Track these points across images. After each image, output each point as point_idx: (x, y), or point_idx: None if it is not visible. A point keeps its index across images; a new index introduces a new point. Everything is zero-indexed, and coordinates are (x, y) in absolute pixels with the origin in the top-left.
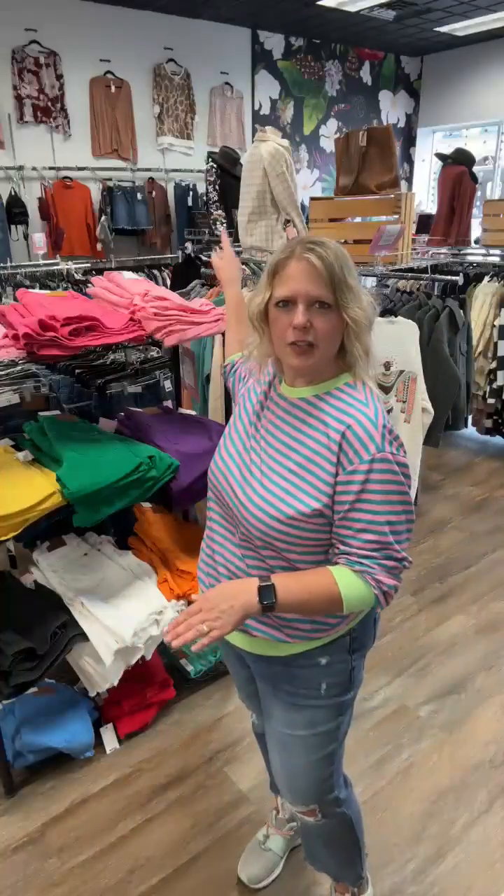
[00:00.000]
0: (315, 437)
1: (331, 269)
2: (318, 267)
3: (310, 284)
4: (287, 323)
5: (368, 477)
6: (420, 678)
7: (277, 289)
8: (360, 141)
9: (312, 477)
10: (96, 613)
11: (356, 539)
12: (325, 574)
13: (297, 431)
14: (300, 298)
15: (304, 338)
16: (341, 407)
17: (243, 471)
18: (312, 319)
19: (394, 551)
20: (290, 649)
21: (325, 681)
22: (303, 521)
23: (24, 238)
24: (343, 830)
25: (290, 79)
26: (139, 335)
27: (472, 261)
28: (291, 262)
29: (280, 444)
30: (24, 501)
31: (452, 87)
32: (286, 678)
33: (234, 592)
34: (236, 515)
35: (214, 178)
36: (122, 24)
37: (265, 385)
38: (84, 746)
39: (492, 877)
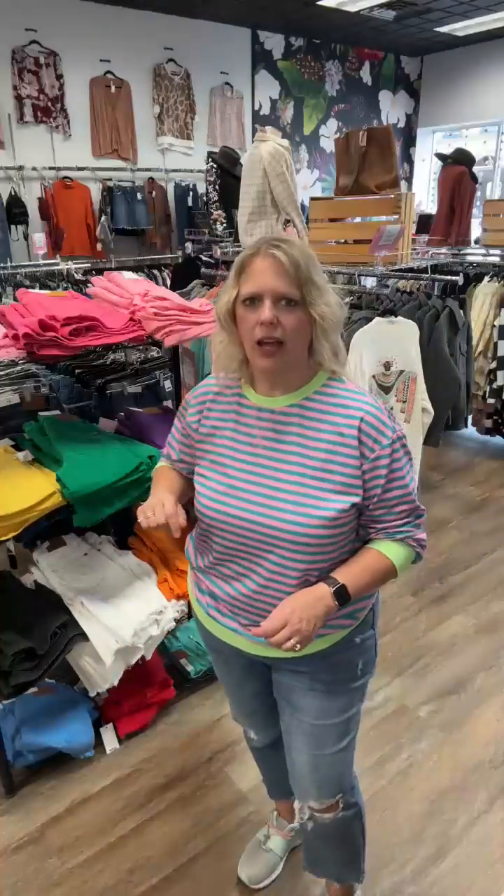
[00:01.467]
0: (327, 438)
1: (296, 266)
2: (284, 263)
3: (276, 280)
4: (254, 321)
5: (393, 458)
6: (420, 678)
7: (244, 286)
8: (360, 141)
9: (338, 476)
10: (96, 613)
11: (392, 514)
12: (374, 554)
13: (305, 438)
14: (266, 295)
15: (271, 334)
16: (341, 402)
17: (262, 500)
18: (279, 316)
19: (420, 510)
20: (335, 638)
21: (362, 659)
22: (343, 518)
23: (24, 238)
24: (357, 822)
25: (290, 79)
26: (139, 335)
27: (472, 261)
28: (257, 259)
29: (291, 455)
30: (24, 501)
31: (452, 87)
32: (325, 668)
33: (310, 603)
34: (268, 544)
35: (214, 178)
36: (122, 24)
37: (230, 412)
38: (84, 746)
39: (492, 877)
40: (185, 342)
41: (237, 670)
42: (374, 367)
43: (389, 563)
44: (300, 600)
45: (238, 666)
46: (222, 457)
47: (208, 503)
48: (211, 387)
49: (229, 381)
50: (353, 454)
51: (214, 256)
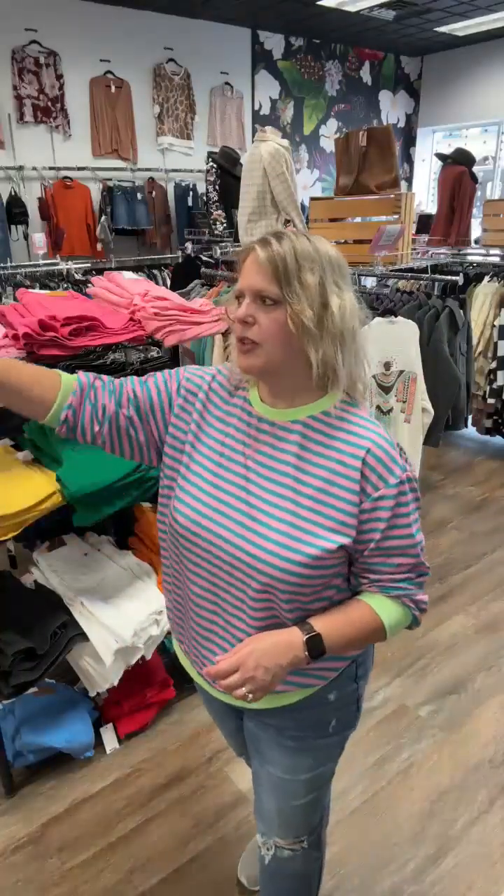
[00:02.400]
0: (327, 466)
1: (276, 263)
2: (262, 259)
3: (254, 277)
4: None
5: (398, 501)
6: (420, 678)
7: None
8: (360, 141)
9: (332, 510)
10: (96, 613)
11: (389, 565)
12: (363, 608)
13: (303, 461)
14: (247, 291)
15: (244, 333)
16: (350, 429)
17: (239, 517)
18: (256, 315)
19: (423, 568)
20: (300, 695)
21: (335, 717)
22: (328, 559)
23: (24, 238)
24: (311, 872)
25: (290, 79)
26: (139, 335)
27: (472, 261)
28: (250, 254)
29: (285, 477)
30: (24, 501)
31: (452, 87)
32: (292, 724)
33: (278, 650)
34: (238, 570)
35: (214, 178)
36: (122, 24)
37: (235, 408)
38: (84, 746)
39: (492, 877)
40: (185, 342)
41: (217, 708)
42: (374, 367)
43: (378, 622)
44: (264, 642)
45: (217, 703)
46: (199, 456)
47: (186, 511)
48: (223, 378)
49: (240, 383)
50: (353, 488)
51: (214, 256)
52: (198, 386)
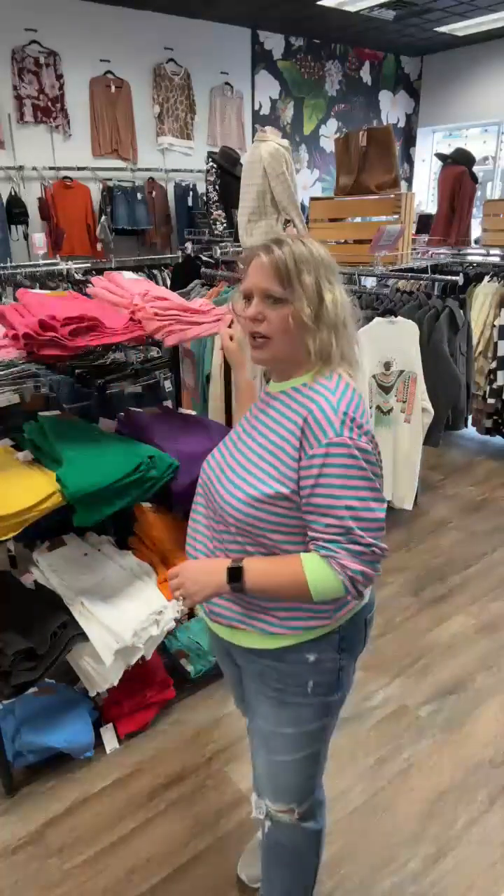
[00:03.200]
0: (283, 425)
1: (278, 265)
2: (265, 262)
3: (261, 278)
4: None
5: (325, 461)
6: (420, 678)
7: (243, 284)
8: (360, 141)
9: (277, 461)
10: (96, 613)
11: (319, 524)
12: (294, 559)
13: (272, 420)
14: (255, 291)
15: (255, 329)
16: (308, 394)
17: (222, 463)
18: (265, 312)
19: (357, 536)
20: (278, 642)
21: (313, 679)
22: (269, 504)
23: (24, 238)
24: (306, 846)
25: (290, 79)
26: (139, 335)
27: (472, 261)
28: (255, 258)
29: (257, 433)
30: (24, 501)
31: (452, 87)
32: (274, 673)
33: (209, 570)
34: (215, 503)
35: (214, 178)
36: (122, 24)
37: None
38: (84, 746)
39: (492, 876)
40: (185, 342)
41: (222, 654)
42: (374, 367)
43: (301, 573)
44: (200, 564)
45: (220, 651)
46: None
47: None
48: None
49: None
50: (295, 445)
51: (214, 256)
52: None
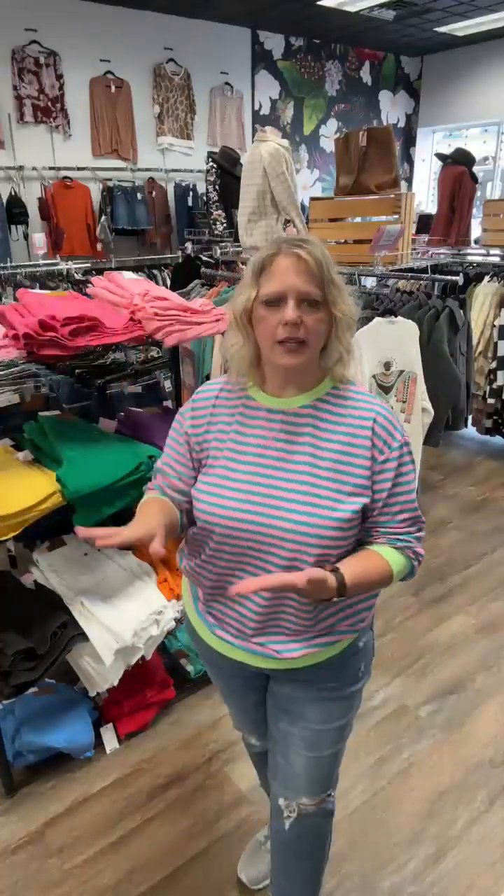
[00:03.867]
0: (340, 440)
1: (319, 265)
2: (309, 262)
3: (299, 280)
4: (276, 321)
5: (400, 462)
6: (420, 678)
7: (265, 286)
8: (360, 141)
9: (350, 477)
10: (96, 613)
11: (395, 521)
12: (376, 557)
13: (317, 439)
14: (290, 294)
15: (295, 335)
16: (354, 404)
17: (271, 501)
18: (302, 316)
19: (421, 522)
20: (342, 645)
21: (363, 662)
22: (355, 521)
23: (24, 238)
24: (329, 828)
25: (290, 79)
26: (139, 335)
27: (472, 261)
28: (279, 258)
29: (302, 456)
30: (24, 501)
31: (452, 87)
32: (329, 676)
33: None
34: (277, 547)
35: (214, 178)
36: (122, 24)
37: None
38: (84, 746)
39: (492, 876)
40: (185, 342)
41: (239, 684)
42: (374, 367)
43: (388, 569)
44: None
45: (240, 679)
46: (228, 460)
47: (214, 509)
48: (211, 392)
49: (232, 385)
50: (365, 455)
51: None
52: (203, 409)
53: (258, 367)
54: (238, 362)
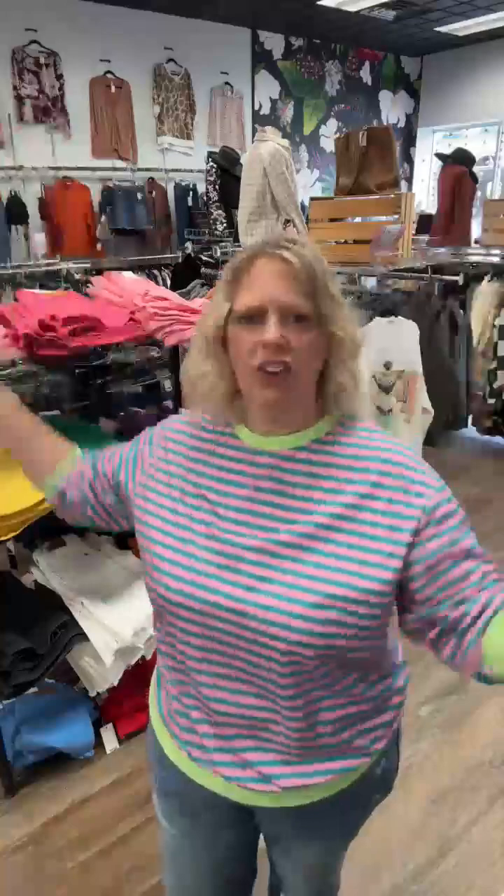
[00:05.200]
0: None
1: (311, 271)
2: (296, 266)
3: (283, 289)
4: (253, 342)
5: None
6: (420, 678)
7: (240, 298)
8: (360, 141)
9: (369, 540)
10: (96, 613)
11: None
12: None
13: (317, 490)
14: (272, 307)
15: (277, 357)
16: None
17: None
18: (288, 335)
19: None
20: (352, 777)
21: (381, 793)
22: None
23: (24, 238)
24: None
25: (290, 79)
26: (139, 335)
27: (472, 261)
28: (259, 262)
29: (293, 512)
30: (24, 501)
31: (452, 87)
32: (336, 813)
33: None
34: (257, 637)
35: (214, 178)
36: (122, 24)
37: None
38: (84, 746)
39: (492, 876)
40: (184, 342)
41: (208, 814)
42: (374, 367)
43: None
44: None
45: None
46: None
47: (181, 572)
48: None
49: (207, 423)
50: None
51: (214, 256)
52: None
53: (236, 400)
54: (213, 399)
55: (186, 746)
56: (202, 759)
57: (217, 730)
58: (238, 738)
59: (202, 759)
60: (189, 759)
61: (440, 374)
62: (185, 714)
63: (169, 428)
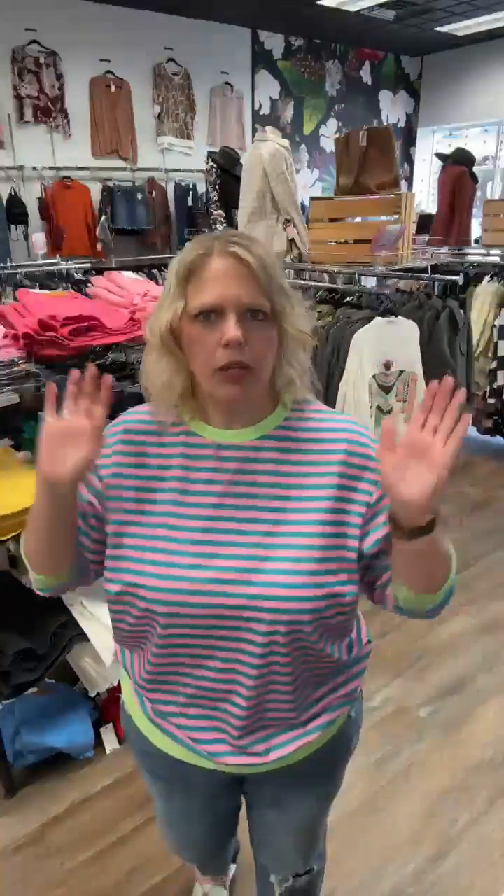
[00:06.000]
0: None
1: (266, 269)
2: (252, 264)
3: (241, 287)
4: (213, 342)
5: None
6: (420, 678)
7: (195, 296)
8: (360, 141)
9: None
10: (96, 613)
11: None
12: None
13: (288, 476)
14: (230, 306)
15: (238, 357)
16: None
17: (238, 563)
18: (247, 333)
19: None
20: (339, 722)
21: (355, 735)
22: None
23: (24, 238)
24: (320, 881)
25: (290, 79)
26: (139, 335)
27: (472, 261)
28: (213, 259)
29: (270, 499)
30: (24, 501)
31: (452, 87)
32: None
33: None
34: (252, 625)
35: (214, 178)
36: (122, 24)
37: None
38: (84, 746)
39: (492, 876)
40: None
41: (199, 797)
42: (374, 367)
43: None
44: None
45: (203, 789)
46: (171, 516)
47: (161, 583)
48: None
49: (165, 418)
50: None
51: None
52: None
53: (191, 397)
54: (165, 392)
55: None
56: (198, 750)
57: (208, 712)
58: (241, 722)
59: (198, 751)
60: (185, 749)
61: (440, 374)
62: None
63: (134, 421)
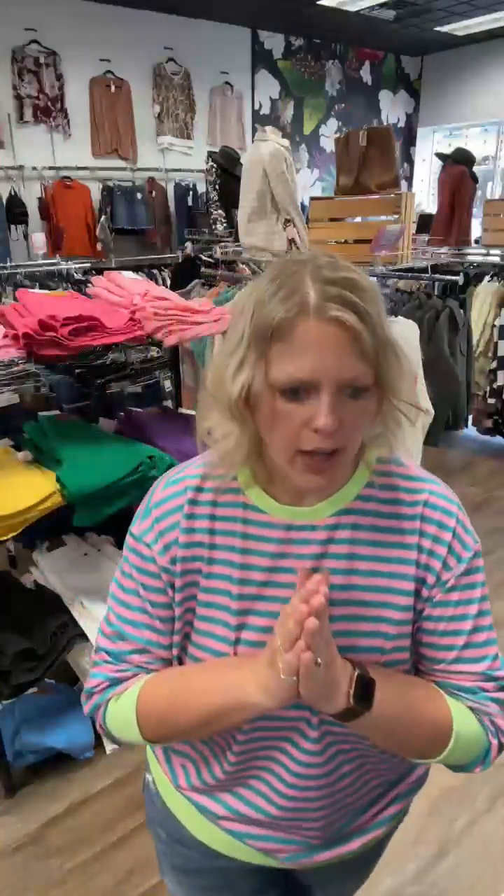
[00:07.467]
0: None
1: (373, 329)
2: (360, 332)
3: (342, 358)
4: (300, 419)
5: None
6: None
7: (282, 364)
8: (360, 141)
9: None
10: (96, 613)
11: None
12: (433, 691)
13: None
14: (326, 382)
15: (328, 445)
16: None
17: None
18: (343, 416)
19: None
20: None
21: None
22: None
23: (24, 238)
24: None
25: (290, 79)
26: (139, 335)
27: (472, 261)
28: (310, 324)
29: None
30: (24, 501)
31: (452, 87)
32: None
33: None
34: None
35: (214, 178)
36: (122, 24)
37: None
38: (84, 746)
39: (492, 876)
40: (185, 342)
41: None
42: None
43: (447, 717)
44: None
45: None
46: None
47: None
48: (187, 492)
49: (219, 481)
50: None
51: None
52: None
53: (260, 460)
54: (231, 454)
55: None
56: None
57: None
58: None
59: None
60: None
61: (440, 374)
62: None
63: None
